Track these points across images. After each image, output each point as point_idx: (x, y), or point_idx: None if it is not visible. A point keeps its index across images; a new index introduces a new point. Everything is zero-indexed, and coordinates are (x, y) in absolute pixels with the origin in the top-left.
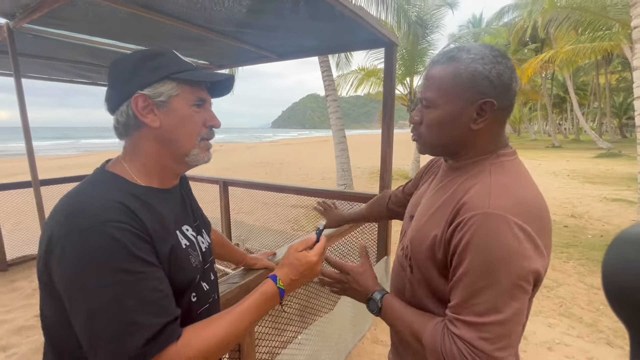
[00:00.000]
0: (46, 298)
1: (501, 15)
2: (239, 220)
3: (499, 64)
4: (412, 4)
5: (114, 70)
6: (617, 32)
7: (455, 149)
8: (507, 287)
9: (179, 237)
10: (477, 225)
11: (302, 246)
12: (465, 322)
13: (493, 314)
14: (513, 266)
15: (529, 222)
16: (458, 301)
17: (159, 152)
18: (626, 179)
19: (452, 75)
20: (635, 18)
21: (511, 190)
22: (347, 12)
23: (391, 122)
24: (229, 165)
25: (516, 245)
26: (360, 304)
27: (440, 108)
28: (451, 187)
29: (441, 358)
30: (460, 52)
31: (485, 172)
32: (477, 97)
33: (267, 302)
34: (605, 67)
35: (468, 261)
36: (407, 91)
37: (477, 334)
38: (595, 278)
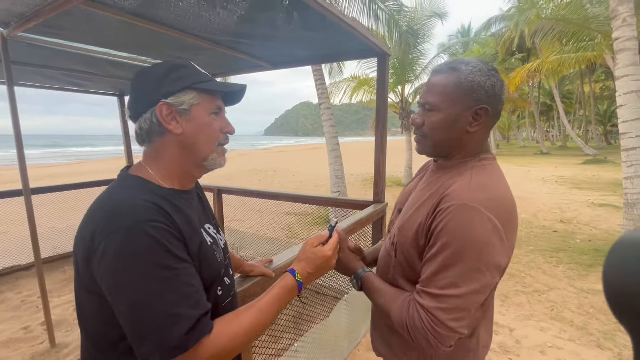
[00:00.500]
0: (86, 295)
1: (489, 26)
2: (233, 228)
3: (492, 76)
4: (402, 14)
5: (139, 79)
6: (599, 42)
7: (451, 149)
8: (468, 268)
9: (203, 234)
10: (454, 213)
11: (317, 241)
12: (428, 293)
13: (452, 287)
14: (477, 252)
15: (498, 216)
16: (426, 275)
17: (181, 157)
18: (612, 184)
19: (454, 83)
20: (616, 30)
21: (487, 188)
22: (340, 22)
23: (384, 130)
24: (221, 173)
25: (485, 235)
26: (355, 312)
27: (443, 111)
28: (437, 184)
29: (404, 323)
30: (460, 64)
31: (468, 172)
32: (473, 104)
33: (287, 294)
34: (589, 76)
35: (440, 243)
36: (399, 99)
37: (436, 304)
38: (585, 282)
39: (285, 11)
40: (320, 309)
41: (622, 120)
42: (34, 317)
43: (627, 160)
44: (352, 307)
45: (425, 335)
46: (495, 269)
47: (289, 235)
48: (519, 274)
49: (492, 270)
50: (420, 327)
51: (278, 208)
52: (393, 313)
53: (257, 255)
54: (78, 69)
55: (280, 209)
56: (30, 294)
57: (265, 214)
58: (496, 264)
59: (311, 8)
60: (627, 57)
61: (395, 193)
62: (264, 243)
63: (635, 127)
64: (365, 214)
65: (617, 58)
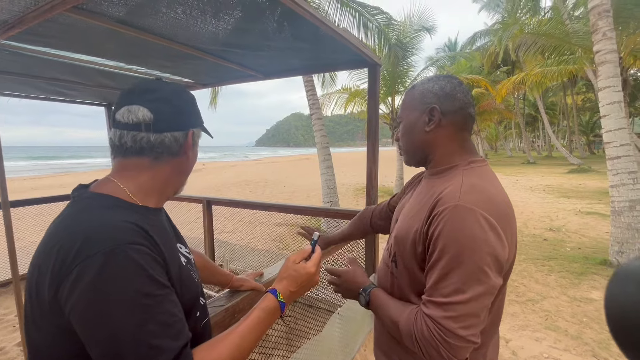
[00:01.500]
0: (47, 329)
1: (474, 40)
2: (223, 240)
3: (441, 80)
4: (392, 28)
5: (180, 99)
6: (580, 56)
7: (422, 153)
8: (471, 271)
9: (179, 254)
10: (448, 216)
11: (299, 257)
12: (434, 302)
13: (458, 294)
14: (477, 252)
15: (493, 215)
16: (430, 284)
17: (175, 180)
18: (597, 192)
19: (410, 96)
20: (597, 43)
21: (479, 188)
22: (331, 33)
23: (376, 140)
24: (212, 185)
25: (481, 233)
26: (349, 326)
27: (405, 120)
28: (430, 191)
29: (413, 336)
30: (417, 82)
31: (459, 175)
32: (425, 107)
33: (269, 316)
34: (571, 89)
35: (439, 248)
36: (389, 110)
37: (443, 313)
38: (578, 290)
39: (277, 21)
40: (313, 323)
41: (607, 130)
42: (9, 337)
43: (613, 168)
44: (346, 320)
45: (437, 347)
46: (497, 265)
47: (281, 247)
48: (512, 283)
49: (494, 267)
50: (430, 339)
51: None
52: (401, 327)
53: (247, 268)
54: (64, 78)
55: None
56: (7, 313)
57: (256, 226)
58: (496, 260)
59: (303, 19)
60: (608, 70)
61: None
62: (255, 255)
63: (619, 136)
64: None
65: (599, 70)
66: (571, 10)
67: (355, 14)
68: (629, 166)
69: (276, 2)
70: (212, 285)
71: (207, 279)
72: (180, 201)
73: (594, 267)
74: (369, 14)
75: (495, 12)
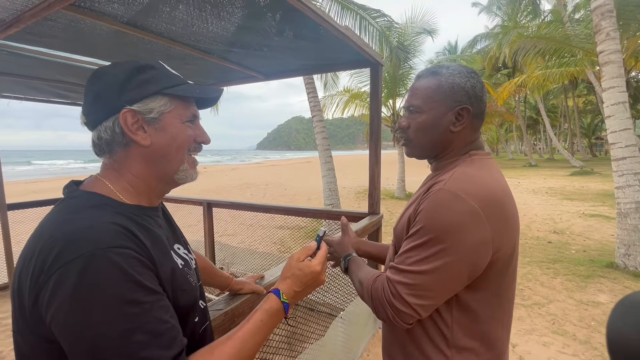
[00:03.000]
0: (31, 340)
1: (474, 43)
2: (223, 243)
3: (472, 78)
4: (393, 31)
5: (97, 81)
6: (581, 59)
7: (437, 150)
8: (435, 248)
9: (174, 257)
10: (431, 198)
11: (303, 255)
12: (396, 268)
13: (417, 264)
14: (445, 233)
15: (479, 201)
16: (399, 253)
17: (149, 172)
18: (601, 195)
19: (435, 86)
20: (600, 44)
21: (470, 176)
22: (333, 31)
23: (378, 141)
24: (213, 187)
25: (455, 215)
26: (352, 330)
27: (426, 113)
28: (428, 183)
29: (369, 292)
30: (440, 69)
31: (456, 167)
32: (455, 104)
33: (272, 318)
34: (572, 91)
35: (416, 224)
36: (391, 113)
37: (400, 278)
38: (584, 294)
39: (278, 19)
40: (315, 327)
41: (611, 131)
42: (7, 341)
43: (618, 170)
44: (349, 324)
45: (384, 305)
46: (471, 251)
47: (282, 249)
48: (517, 287)
49: (465, 253)
50: (380, 297)
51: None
52: (364, 285)
53: (248, 271)
54: (64, 79)
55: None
56: (5, 317)
57: (257, 228)
58: (471, 246)
59: (305, 16)
60: (612, 70)
61: (389, 206)
62: (256, 258)
63: (624, 137)
64: (361, 226)
65: (603, 70)
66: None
67: (356, 17)
68: (634, 167)
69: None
70: (211, 287)
71: (206, 282)
72: (180, 204)
73: (600, 270)
74: (370, 16)
75: (495, 15)
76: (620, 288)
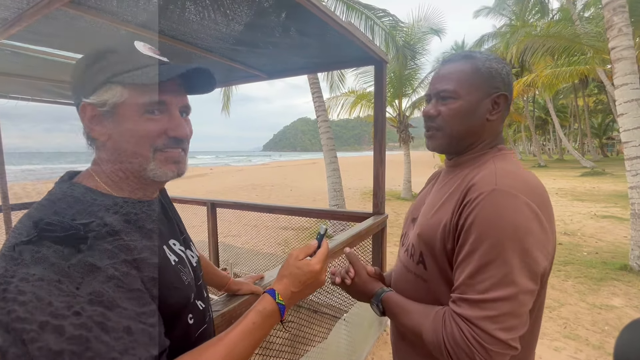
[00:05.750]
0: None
1: (481, 43)
2: (227, 243)
3: (506, 65)
4: (399, 30)
5: (75, 70)
6: (591, 57)
7: (469, 141)
8: (513, 263)
9: (166, 253)
10: (484, 201)
11: (303, 253)
12: (467, 300)
13: (497, 289)
14: (520, 242)
15: (535, 201)
16: (462, 280)
17: (120, 167)
18: (613, 196)
19: (472, 69)
20: (612, 40)
21: (516, 173)
22: (336, 27)
23: (383, 140)
24: (219, 188)
25: (523, 221)
26: (356, 333)
27: (462, 98)
28: (456, 181)
29: (442, 343)
30: (474, 53)
31: (489, 162)
32: (493, 91)
33: (266, 321)
34: (582, 91)
35: (473, 238)
36: (396, 113)
37: (480, 312)
38: (597, 297)
39: (282, 15)
40: (318, 329)
41: (624, 129)
42: None
43: (632, 169)
44: (353, 327)
45: (471, 354)
46: (541, 259)
47: (286, 250)
48: None
49: (539, 262)
50: (463, 344)
51: (274, 223)
52: (426, 333)
53: (252, 272)
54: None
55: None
56: None
57: (261, 229)
58: (541, 253)
59: (307, 11)
60: (625, 66)
61: (394, 207)
62: (260, 259)
63: (638, 135)
64: (365, 226)
65: (615, 67)
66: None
67: (361, 17)
68: None
69: None
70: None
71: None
72: (184, 204)
73: (613, 273)
74: (376, 16)
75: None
76: (635, 291)
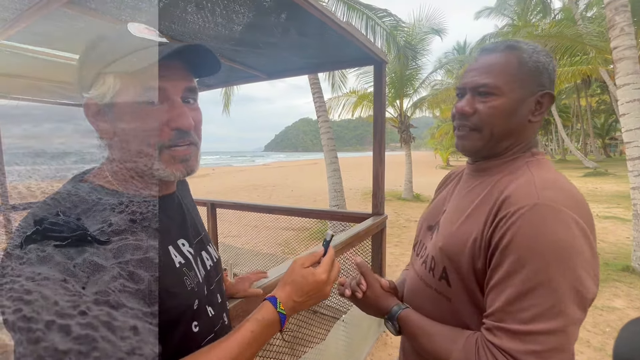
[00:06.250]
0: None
1: (483, 43)
2: (227, 244)
3: (553, 60)
4: (400, 30)
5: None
6: (594, 57)
7: (507, 144)
8: (562, 291)
9: (171, 254)
10: (525, 218)
11: (309, 261)
12: (508, 330)
13: (544, 320)
14: (569, 265)
15: (582, 218)
16: (499, 306)
17: (126, 166)
18: (615, 196)
19: (518, 63)
20: (614, 39)
21: (558, 183)
22: (334, 27)
23: (382, 141)
24: (220, 189)
25: (572, 240)
26: (354, 334)
27: (506, 95)
28: (485, 188)
29: None
30: (519, 43)
31: (523, 168)
32: (538, 89)
33: (265, 331)
34: (585, 90)
35: (512, 259)
36: (398, 113)
37: (523, 346)
38: (598, 299)
39: (282, 17)
40: (316, 330)
41: (626, 129)
42: None
43: (634, 169)
44: (351, 328)
45: None
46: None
47: (286, 251)
48: None
49: (589, 288)
50: None
51: (275, 223)
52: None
53: None
54: (70, 80)
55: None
56: None
57: (261, 230)
58: (590, 278)
59: (306, 12)
60: (627, 66)
61: (396, 207)
62: (260, 259)
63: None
64: (364, 226)
65: (617, 67)
66: (583, 11)
67: (362, 17)
68: None
69: None
70: None
71: None
72: None
73: (615, 274)
74: (377, 16)
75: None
76: (637, 293)
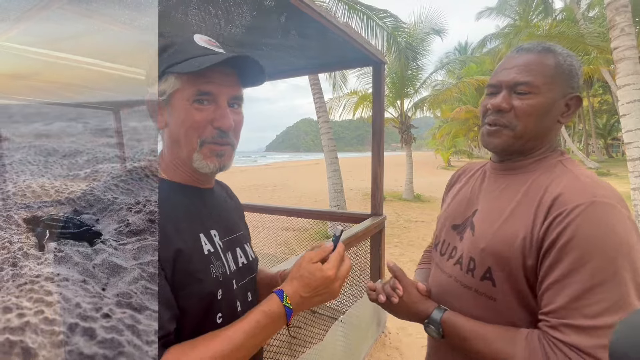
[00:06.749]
0: None
1: (484, 43)
2: None
3: (582, 65)
4: (400, 31)
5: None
6: (595, 57)
7: (536, 143)
8: (626, 283)
9: (201, 241)
10: (585, 215)
11: (318, 257)
12: (575, 327)
13: (612, 313)
14: (630, 259)
15: (629, 214)
16: (563, 303)
17: (172, 156)
18: None
19: (555, 65)
20: (615, 39)
21: (602, 182)
22: (333, 28)
23: (381, 140)
24: None
25: (629, 235)
26: (353, 335)
27: (542, 95)
28: (521, 186)
29: None
30: (553, 46)
31: (560, 166)
32: (569, 91)
33: (271, 324)
34: (587, 91)
35: (575, 256)
36: (398, 114)
37: (593, 340)
38: None
39: (283, 18)
40: (315, 330)
41: (627, 130)
42: None
43: (635, 170)
44: (350, 328)
45: None
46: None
47: (286, 251)
48: None
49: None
50: None
51: (275, 224)
52: None
53: None
54: (71, 81)
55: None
56: None
57: (261, 230)
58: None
59: (304, 13)
60: (628, 66)
61: (396, 208)
62: (260, 259)
63: None
64: (362, 227)
65: (618, 67)
66: (585, 12)
67: (363, 17)
68: None
69: None
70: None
71: None
72: None
73: None
74: (377, 17)
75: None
76: None
